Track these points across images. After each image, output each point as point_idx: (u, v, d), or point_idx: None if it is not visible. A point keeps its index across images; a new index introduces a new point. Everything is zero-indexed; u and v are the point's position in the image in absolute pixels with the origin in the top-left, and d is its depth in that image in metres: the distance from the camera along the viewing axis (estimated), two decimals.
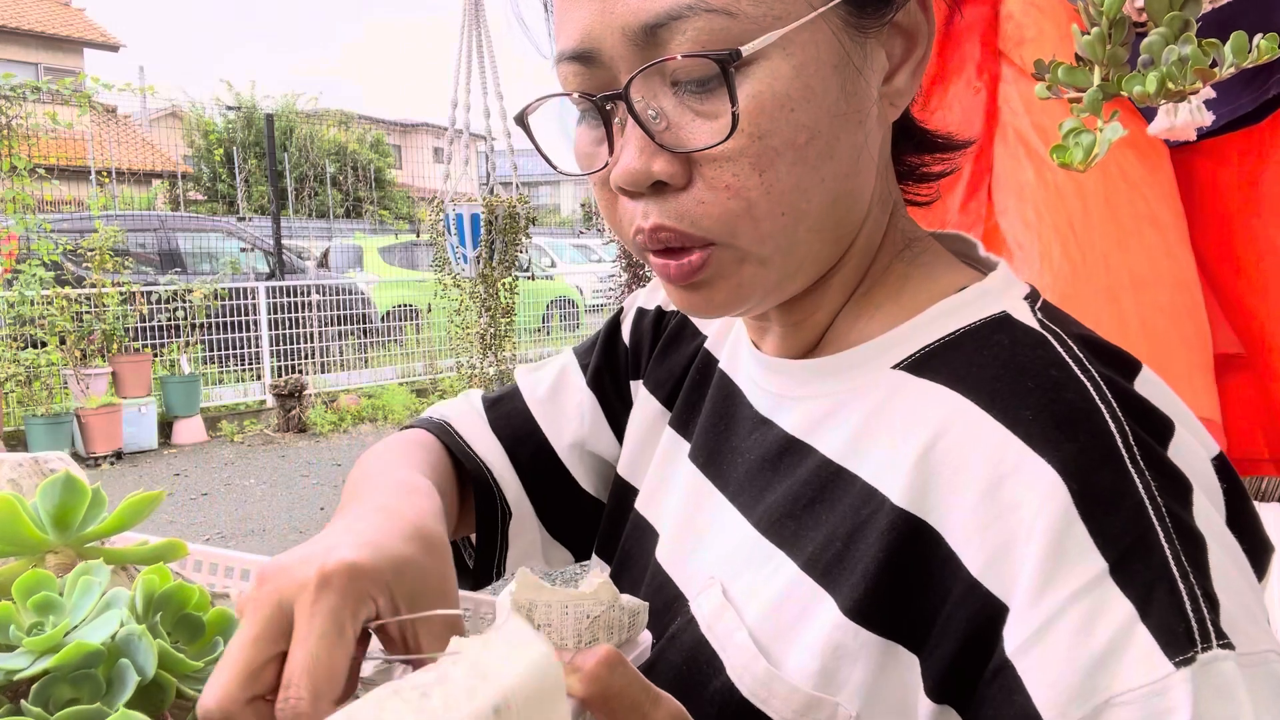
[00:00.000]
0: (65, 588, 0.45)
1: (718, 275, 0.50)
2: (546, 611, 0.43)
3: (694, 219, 0.48)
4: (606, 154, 0.50)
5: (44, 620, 0.44)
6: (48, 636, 0.42)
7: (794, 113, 0.46)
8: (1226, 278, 1.15)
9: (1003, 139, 1.15)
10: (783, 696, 0.48)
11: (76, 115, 6.75)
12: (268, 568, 0.42)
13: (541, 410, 0.77)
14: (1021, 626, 0.41)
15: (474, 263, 5.78)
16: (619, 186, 0.49)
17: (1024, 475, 0.43)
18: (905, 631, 0.45)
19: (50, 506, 0.50)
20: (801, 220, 0.49)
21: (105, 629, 0.43)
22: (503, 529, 0.74)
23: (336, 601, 0.40)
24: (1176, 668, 0.37)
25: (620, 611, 0.44)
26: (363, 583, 0.41)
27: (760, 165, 0.46)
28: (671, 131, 0.47)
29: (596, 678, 0.39)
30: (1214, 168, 1.13)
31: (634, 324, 0.77)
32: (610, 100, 0.48)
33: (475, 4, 5.56)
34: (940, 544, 0.45)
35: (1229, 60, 0.75)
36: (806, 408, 0.55)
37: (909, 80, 0.52)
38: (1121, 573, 0.40)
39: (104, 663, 0.43)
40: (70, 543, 0.51)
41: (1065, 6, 1.11)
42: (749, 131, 0.46)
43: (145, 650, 0.43)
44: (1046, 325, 0.50)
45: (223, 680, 0.39)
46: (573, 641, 0.43)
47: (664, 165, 0.47)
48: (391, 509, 0.49)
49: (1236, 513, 0.47)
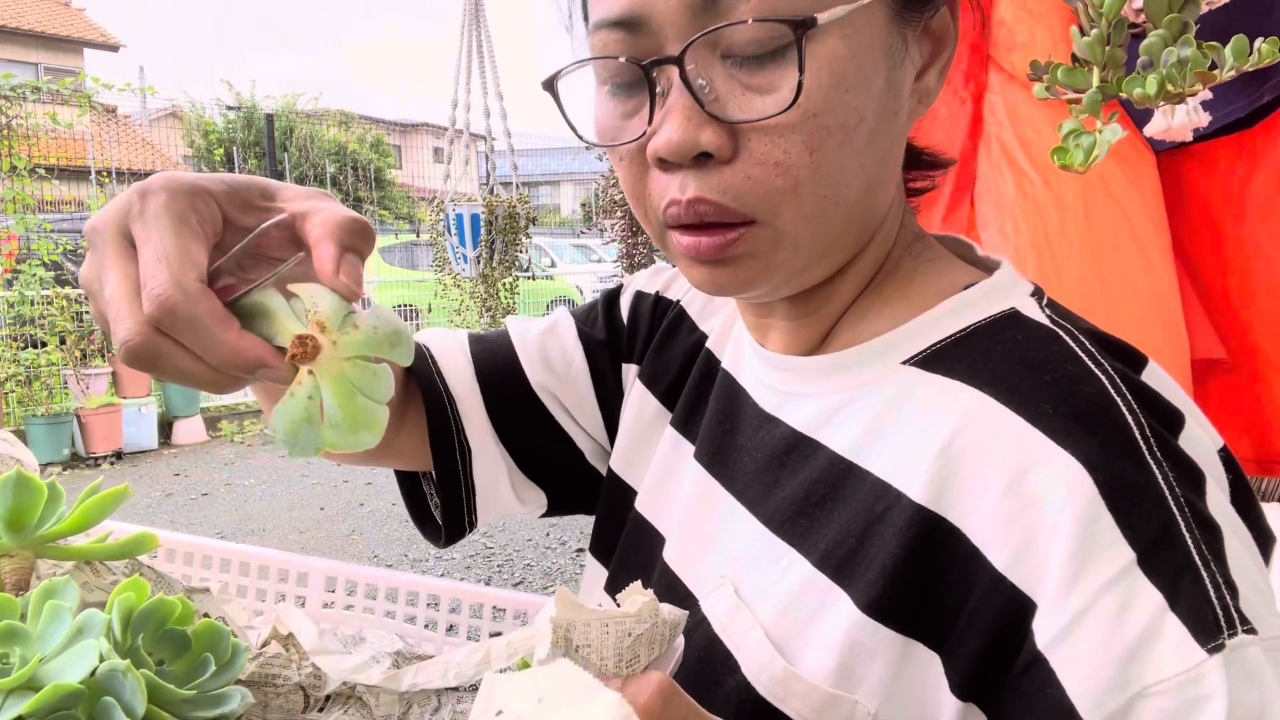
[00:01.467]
0: (29, 609, 0.43)
1: (748, 254, 0.50)
2: (585, 631, 0.42)
3: (737, 194, 0.48)
4: (641, 124, 0.49)
5: (9, 652, 0.41)
6: (17, 675, 0.39)
7: (849, 94, 0.47)
8: (1214, 282, 1.15)
9: (986, 150, 1.16)
10: (801, 695, 0.47)
11: (76, 115, 6.72)
12: (90, 223, 0.41)
13: (525, 349, 0.75)
14: (1053, 619, 0.41)
15: (474, 263, 5.76)
16: (659, 157, 0.48)
17: (1047, 469, 0.43)
18: (925, 629, 0.45)
19: (3, 509, 0.48)
20: (840, 205, 0.49)
21: (83, 663, 0.41)
22: (464, 467, 0.72)
23: (164, 198, 0.39)
24: (1209, 654, 0.38)
25: (662, 626, 0.43)
26: (185, 182, 0.41)
27: (811, 143, 0.47)
28: (720, 103, 0.47)
29: (651, 712, 0.38)
30: (1203, 172, 1.14)
31: (632, 305, 0.76)
32: (659, 67, 0.47)
33: (475, 4, 5.54)
34: (962, 540, 0.45)
35: (1229, 62, 0.75)
36: (814, 404, 0.55)
37: (937, 80, 0.53)
38: (1149, 563, 0.40)
39: (85, 701, 0.40)
40: (27, 545, 0.48)
41: (1059, 11, 1.11)
42: (805, 106, 0.46)
43: (132, 687, 0.40)
44: (1056, 321, 0.50)
45: (125, 312, 0.38)
46: (613, 661, 0.42)
47: (711, 136, 0.47)
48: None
49: (1242, 503, 0.47)
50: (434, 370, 0.72)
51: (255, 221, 0.43)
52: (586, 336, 0.75)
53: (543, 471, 0.75)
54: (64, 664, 0.41)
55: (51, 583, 0.44)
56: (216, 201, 0.41)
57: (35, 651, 0.41)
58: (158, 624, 0.44)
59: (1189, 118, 0.84)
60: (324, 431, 0.38)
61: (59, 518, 0.48)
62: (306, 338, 0.38)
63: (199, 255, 0.39)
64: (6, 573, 0.47)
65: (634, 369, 0.73)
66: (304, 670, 0.60)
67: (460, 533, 0.74)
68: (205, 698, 0.44)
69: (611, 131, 0.51)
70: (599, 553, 0.72)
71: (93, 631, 0.42)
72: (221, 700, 0.45)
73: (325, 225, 0.42)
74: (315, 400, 0.38)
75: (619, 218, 6.48)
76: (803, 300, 0.56)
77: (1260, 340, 1.12)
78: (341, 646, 0.62)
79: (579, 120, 0.53)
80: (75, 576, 0.51)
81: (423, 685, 0.58)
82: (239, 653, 0.46)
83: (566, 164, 23.59)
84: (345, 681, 0.61)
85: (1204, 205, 1.14)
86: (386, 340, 0.41)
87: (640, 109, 0.49)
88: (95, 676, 0.41)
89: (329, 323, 0.39)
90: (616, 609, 0.42)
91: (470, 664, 0.57)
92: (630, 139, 0.50)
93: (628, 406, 0.72)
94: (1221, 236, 1.13)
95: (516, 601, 0.70)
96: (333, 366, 0.39)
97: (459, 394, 0.72)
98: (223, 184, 0.42)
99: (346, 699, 0.62)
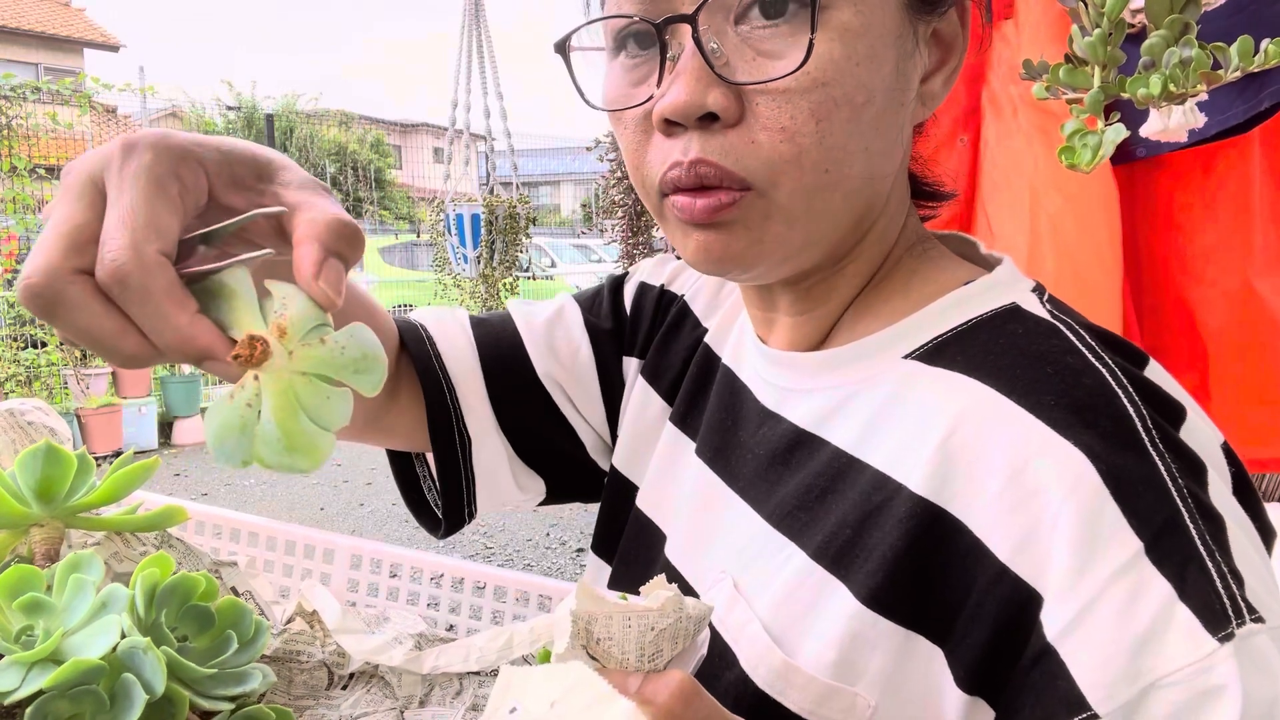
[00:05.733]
0: (54, 581, 0.42)
1: (741, 223, 0.49)
2: (607, 624, 0.41)
3: (739, 156, 0.48)
4: (648, 90, 0.49)
5: (33, 624, 0.41)
6: (40, 649, 0.39)
7: (858, 68, 0.47)
8: (1181, 291, 1.17)
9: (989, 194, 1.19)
10: (800, 687, 0.47)
11: (76, 115, 6.72)
12: (67, 164, 0.38)
13: (531, 337, 0.74)
14: (1062, 609, 0.40)
15: (474, 263, 5.76)
16: (665, 118, 0.48)
17: (1049, 459, 0.43)
18: (926, 622, 0.45)
19: (32, 479, 0.47)
20: (839, 184, 0.49)
21: (104, 639, 0.40)
22: (464, 455, 0.71)
23: (149, 158, 0.36)
24: (1220, 643, 0.37)
25: (686, 621, 0.42)
26: (176, 146, 0.38)
27: (819, 113, 0.47)
28: (730, 66, 0.47)
29: (671, 713, 0.38)
30: (1171, 183, 1.16)
31: (636, 296, 0.75)
32: (671, 25, 0.47)
33: (475, 4, 5.54)
34: (963, 533, 0.44)
35: (1235, 63, 0.76)
36: (816, 400, 0.55)
37: (942, 86, 0.54)
38: (1157, 552, 0.40)
39: (106, 677, 0.40)
40: (57, 514, 0.48)
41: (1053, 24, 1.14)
42: (814, 73, 0.46)
43: (152, 664, 0.40)
44: (1057, 316, 0.50)
45: (44, 250, 0.35)
46: (634, 655, 0.41)
47: (719, 97, 0.47)
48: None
49: (1244, 496, 0.47)
50: (433, 354, 0.70)
51: (242, 202, 0.40)
52: (593, 325, 0.74)
53: (544, 460, 0.75)
54: (86, 639, 0.40)
55: (77, 555, 0.43)
56: (206, 172, 0.39)
57: (59, 625, 0.41)
58: (181, 600, 0.44)
59: (1185, 119, 0.85)
60: (256, 445, 0.35)
61: (89, 489, 0.48)
62: (258, 339, 0.35)
63: (169, 227, 0.36)
64: (37, 542, 0.47)
65: (635, 362, 0.73)
66: (328, 648, 0.60)
67: (459, 522, 0.73)
68: (226, 675, 0.44)
69: (620, 98, 0.51)
70: (601, 550, 0.71)
71: (116, 607, 0.41)
72: (243, 678, 0.44)
73: (313, 224, 0.38)
74: (254, 409, 0.35)
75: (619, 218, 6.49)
76: (804, 296, 0.56)
77: (1215, 341, 1.14)
78: (364, 626, 0.61)
79: (588, 88, 0.53)
80: (106, 547, 0.50)
81: (444, 668, 0.58)
82: (261, 631, 0.45)
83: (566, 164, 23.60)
84: (369, 661, 0.60)
85: (1168, 213, 1.16)
86: (351, 364, 0.37)
87: (649, 76, 0.50)
88: (116, 652, 0.40)
89: (292, 330, 0.35)
90: (639, 603, 0.41)
91: (492, 649, 0.57)
92: (637, 103, 0.50)
93: (630, 402, 0.72)
94: (1188, 245, 1.15)
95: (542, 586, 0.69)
96: (281, 378, 0.35)
97: (459, 380, 0.71)
98: (217, 153, 0.39)
99: (369, 678, 0.61)
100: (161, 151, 0.37)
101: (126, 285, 0.34)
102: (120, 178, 0.36)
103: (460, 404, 0.70)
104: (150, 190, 0.36)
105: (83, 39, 17.99)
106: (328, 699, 0.59)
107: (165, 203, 0.36)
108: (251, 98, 16.40)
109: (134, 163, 0.36)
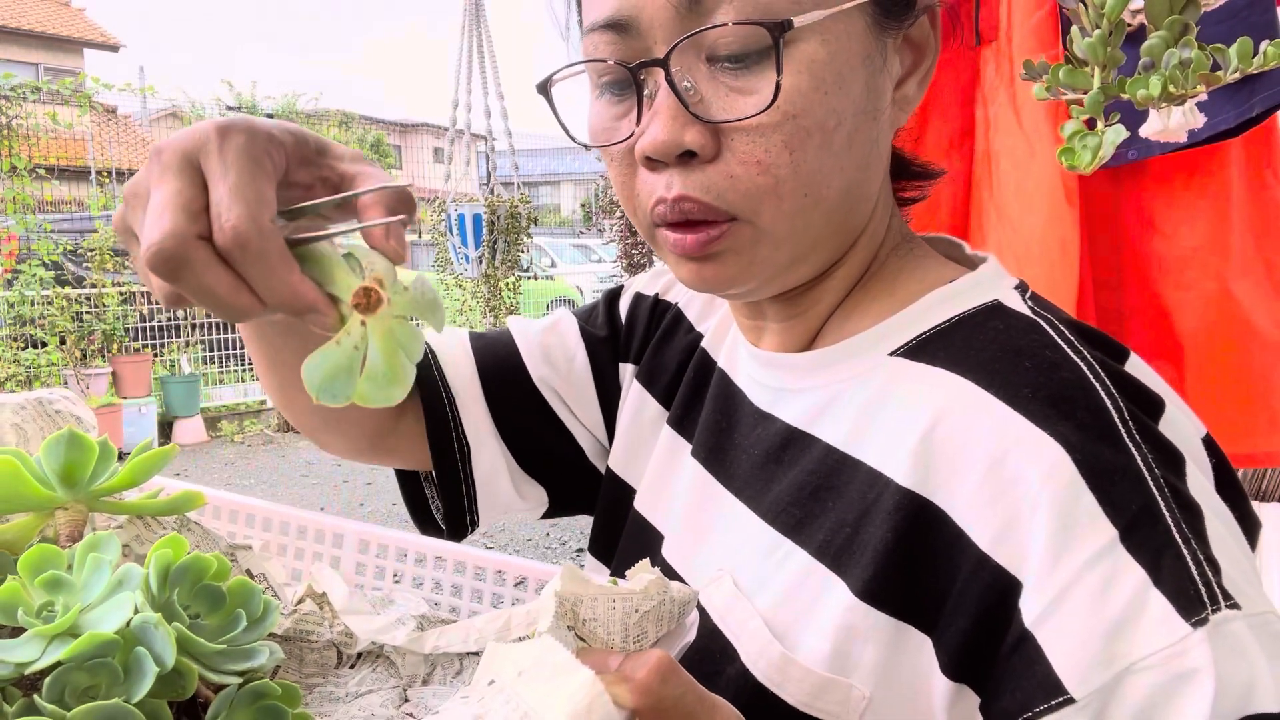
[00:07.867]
0: (75, 560, 0.44)
1: (731, 250, 0.51)
2: (593, 606, 0.42)
3: (720, 192, 0.49)
4: (630, 126, 0.51)
5: (54, 600, 0.43)
6: (59, 622, 0.41)
7: (827, 96, 0.48)
8: (1158, 288, 1.19)
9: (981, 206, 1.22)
10: (796, 679, 0.48)
11: (76, 115, 6.73)
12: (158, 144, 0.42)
13: (526, 345, 0.76)
14: (1038, 596, 0.41)
15: (476, 263, 5.77)
16: (646, 156, 0.50)
17: (1027, 450, 0.44)
18: (916, 612, 0.46)
19: (56, 464, 0.49)
20: (819, 204, 0.50)
21: (118, 615, 0.42)
22: (463, 462, 0.72)
23: (244, 139, 0.40)
24: (1193, 628, 0.38)
25: (671, 604, 0.43)
26: (262, 129, 0.42)
27: (791, 144, 0.48)
28: (705, 104, 0.49)
29: (648, 689, 0.38)
30: (1154, 187, 1.18)
31: (631, 305, 0.77)
32: (645, 69, 0.49)
33: (475, 4, 5.55)
34: (947, 523, 0.46)
35: (1234, 64, 0.76)
36: (807, 399, 0.56)
37: (917, 90, 0.55)
38: (1131, 539, 0.41)
39: (120, 651, 0.42)
40: (80, 498, 0.50)
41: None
42: (784, 108, 0.47)
43: (163, 639, 0.42)
44: (1038, 312, 0.51)
45: (167, 219, 0.38)
46: (619, 636, 0.42)
47: (695, 135, 0.48)
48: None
49: (1225, 487, 0.48)
50: (433, 365, 0.72)
51: (308, 177, 0.45)
52: (588, 334, 0.76)
53: (543, 467, 0.76)
54: (102, 614, 0.42)
55: (95, 536, 0.45)
56: (285, 153, 0.43)
57: (77, 601, 0.43)
58: (194, 579, 0.46)
59: (1185, 119, 0.86)
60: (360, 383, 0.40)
61: (111, 474, 0.50)
62: (371, 290, 0.40)
63: (272, 199, 0.40)
64: (61, 525, 0.49)
65: (630, 368, 0.74)
66: (336, 629, 0.62)
67: (462, 531, 0.74)
68: (236, 651, 0.45)
69: (603, 133, 0.53)
70: (599, 552, 0.72)
71: (131, 584, 0.43)
72: (251, 654, 0.46)
73: (375, 193, 0.43)
74: (360, 351, 0.40)
75: (619, 218, 6.49)
76: (792, 301, 0.57)
77: (1189, 339, 1.16)
78: (370, 607, 0.63)
79: (572, 123, 0.55)
80: (128, 530, 0.53)
81: (445, 648, 0.59)
82: (270, 609, 0.47)
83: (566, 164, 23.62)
84: (374, 641, 0.62)
85: (1153, 215, 1.18)
86: (429, 305, 0.43)
87: (630, 111, 0.51)
88: (130, 627, 0.42)
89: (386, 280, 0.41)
90: (624, 585, 0.43)
91: (491, 630, 0.58)
92: (620, 139, 0.52)
93: (625, 406, 0.73)
94: (1168, 248, 1.17)
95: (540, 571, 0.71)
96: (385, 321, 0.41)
97: (458, 388, 0.72)
98: (290, 135, 0.44)
99: (376, 658, 0.63)
100: (255, 134, 0.41)
101: (246, 249, 0.38)
102: (222, 157, 0.40)
103: (459, 410, 0.72)
104: (253, 168, 0.40)
105: (83, 39, 17.99)
106: (336, 676, 0.60)
107: (265, 178, 0.40)
108: (252, 98, 16.39)
109: (233, 143, 0.40)
